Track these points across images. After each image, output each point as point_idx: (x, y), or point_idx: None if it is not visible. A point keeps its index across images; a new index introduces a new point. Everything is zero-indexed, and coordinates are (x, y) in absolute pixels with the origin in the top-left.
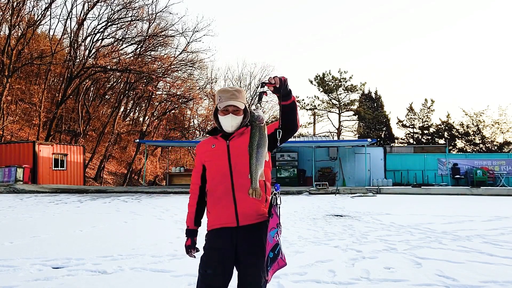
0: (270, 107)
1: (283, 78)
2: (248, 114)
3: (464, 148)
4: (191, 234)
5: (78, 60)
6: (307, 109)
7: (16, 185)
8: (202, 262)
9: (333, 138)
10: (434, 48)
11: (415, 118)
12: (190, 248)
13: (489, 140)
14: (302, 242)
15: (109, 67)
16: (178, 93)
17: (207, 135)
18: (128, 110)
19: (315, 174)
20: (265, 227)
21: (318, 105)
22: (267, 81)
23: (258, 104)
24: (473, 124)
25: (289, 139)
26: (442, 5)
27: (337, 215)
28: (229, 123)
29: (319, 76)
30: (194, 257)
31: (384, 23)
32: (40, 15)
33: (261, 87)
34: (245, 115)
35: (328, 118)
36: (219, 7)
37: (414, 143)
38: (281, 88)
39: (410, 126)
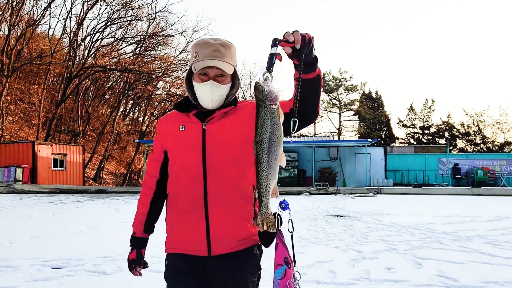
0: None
1: (307, 35)
2: (238, 83)
3: (465, 148)
4: (138, 244)
5: (77, 60)
6: None
7: (16, 185)
8: None
9: (333, 138)
10: (434, 48)
11: (415, 118)
12: (135, 263)
13: (490, 140)
14: (302, 242)
15: (108, 67)
16: (178, 93)
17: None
18: (128, 110)
19: (315, 174)
20: (250, 256)
21: None
22: (283, 38)
23: (268, 74)
24: (474, 124)
25: (289, 140)
26: (442, 5)
27: (337, 216)
28: (208, 95)
29: None
30: (140, 275)
31: (384, 23)
32: (40, 15)
33: (273, 46)
34: (233, 83)
35: (329, 118)
36: (219, 7)
37: (415, 143)
38: (303, 52)
39: (411, 126)
